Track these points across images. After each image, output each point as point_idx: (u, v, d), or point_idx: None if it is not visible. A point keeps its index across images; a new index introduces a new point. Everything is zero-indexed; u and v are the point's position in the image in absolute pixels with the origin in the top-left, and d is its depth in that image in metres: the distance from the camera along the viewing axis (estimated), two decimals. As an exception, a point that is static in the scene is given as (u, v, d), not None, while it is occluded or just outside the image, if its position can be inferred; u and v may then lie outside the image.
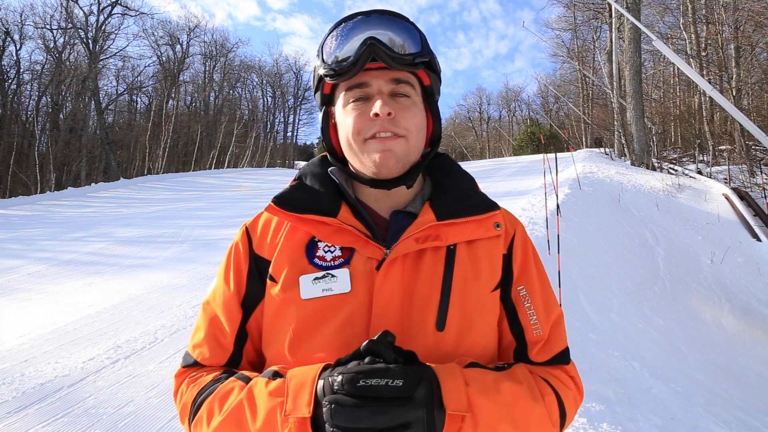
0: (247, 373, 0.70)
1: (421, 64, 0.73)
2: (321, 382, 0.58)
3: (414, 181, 0.76)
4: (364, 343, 0.58)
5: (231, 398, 0.64)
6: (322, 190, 0.76)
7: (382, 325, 0.66)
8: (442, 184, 0.80)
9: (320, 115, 0.80)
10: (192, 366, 0.76)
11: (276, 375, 0.65)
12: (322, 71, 0.74)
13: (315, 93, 0.79)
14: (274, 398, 0.60)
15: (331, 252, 0.71)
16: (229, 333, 0.75)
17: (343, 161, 0.79)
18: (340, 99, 0.74)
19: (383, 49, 0.69)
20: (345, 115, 0.73)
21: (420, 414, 0.55)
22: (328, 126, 0.79)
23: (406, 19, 0.74)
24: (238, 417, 0.62)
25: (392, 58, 0.69)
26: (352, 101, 0.72)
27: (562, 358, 0.76)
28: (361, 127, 0.71)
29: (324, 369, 0.60)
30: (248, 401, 0.62)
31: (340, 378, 0.55)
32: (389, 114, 0.69)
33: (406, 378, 0.55)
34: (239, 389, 0.65)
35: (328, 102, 0.78)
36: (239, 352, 0.75)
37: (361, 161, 0.73)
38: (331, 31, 0.73)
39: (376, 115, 0.69)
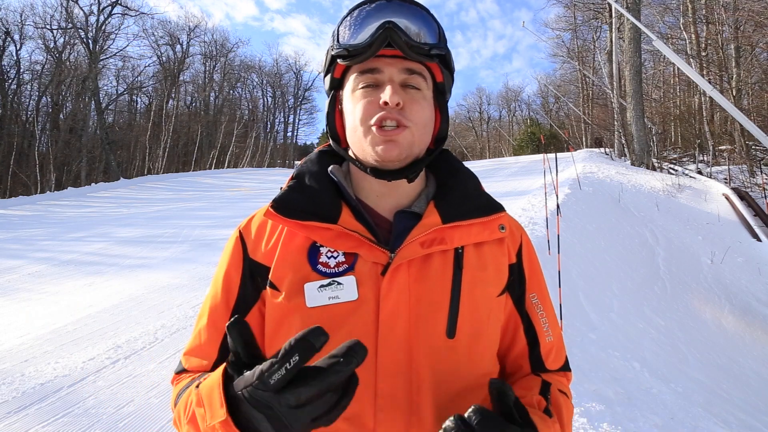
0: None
1: (436, 57, 0.71)
2: None
3: (416, 176, 0.74)
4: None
5: (187, 406, 0.61)
6: (322, 191, 0.73)
7: (390, 333, 0.65)
8: (447, 183, 0.78)
9: (327, 100, 0.77)
10: (181, 372, 0.76)
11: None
12: (334, 52, 0.71)
13: (325, 76, 0.76)
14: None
15: (335, 258, 0.69)
16: (213, 341, 0.73)
17: (345, 149, 0.77)
18: (350, 83, 0.72)
19: (400, 35, 0.67)
20: (353, 101, 0.71)
21: None
22: (335, 111, 0.76)
23: (427, 10, 0.72)
24: (195, 426, 0.58)
25: (409, 46, 0.67)
26: (361, 87, 0.70)
27: (567, 364, 0.81)
28: (368, 114, 0.69)
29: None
30: (197, 406, 0.57)
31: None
32: (398, 104, 0.67)
33: None
34: (193, 395, 0.60)
35: (337, 86, 0.76)
36: (223, 359, 0.73)
37: (364, 149, 0.70)
38: (348, 14, 0.71)
39: (386, 103, 0.67)
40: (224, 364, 0.52)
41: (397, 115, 0.68)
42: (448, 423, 0.50)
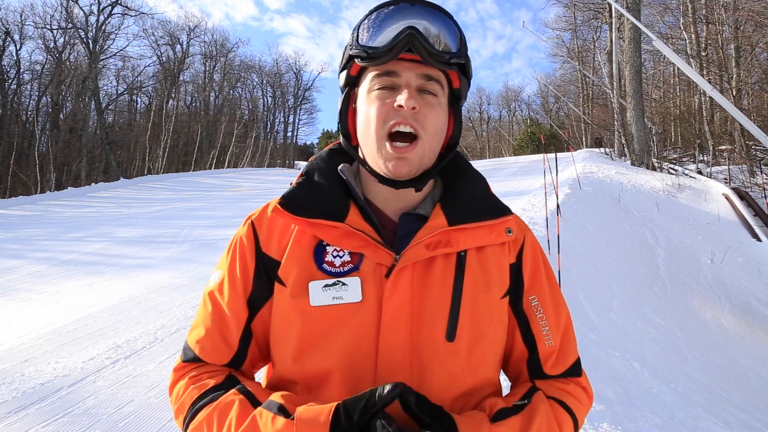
0: (248, 384, 0.68)
1: (455, 66, 0.70)
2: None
3: (424, 186, 0.73)
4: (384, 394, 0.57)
5: (230, 416, 0.62)
6: (330, 189, 0.73)
7: (391, 335, 0.65)
8: (454, 185, 0.77)
9: (341, 96, 0.76)
10: (192, 361, 0.73)
11: (281, 409, 0.60)
12: (353, 51, 0.70)
13: (341, 72, 0.75)
14: None
15: (340, 257, 0.69)
16: (234, 332, 0.72)
17: (355, 148, 0.76)
18: (366, 83, 0.71)
19: (422, 41, 0.66)
20: (368, 102, 0.70)
21: None
22: (348, 109, 0.75)
23: (450, 16, 0.71)
24: None
25: (429, 53, 0.67)
26: (377, 88, 0.69)
27: (575, 370, 0.76)
28: (382, 117, 0.68)
29: (335, 414, 0.57)
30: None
31: None
32: (413, 108, 0.67)
33: None
34: (240, 408, 0.63)
35: (352, 83, 0.75)
36: (243, 351, 0.73)
37: (375, 159, 0.70)
38: (370, 13, 0.70)
39: (400, 106, 0.66)
40: (334, 406, 0.57)
41: (411, 120, 0.67)
42: None
